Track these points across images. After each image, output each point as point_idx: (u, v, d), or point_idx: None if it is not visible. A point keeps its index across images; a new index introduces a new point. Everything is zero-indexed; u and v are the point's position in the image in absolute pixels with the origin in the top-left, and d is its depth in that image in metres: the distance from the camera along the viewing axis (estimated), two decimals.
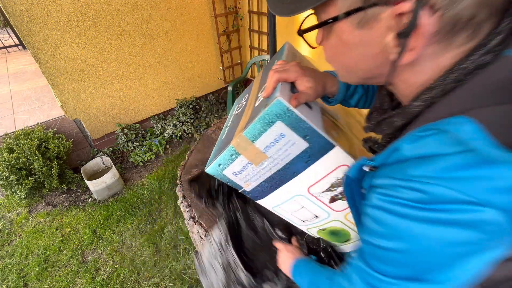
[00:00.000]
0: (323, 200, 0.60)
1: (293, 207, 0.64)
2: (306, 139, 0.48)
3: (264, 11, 2.46)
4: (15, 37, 4.65)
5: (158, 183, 2.18)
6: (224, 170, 0.58)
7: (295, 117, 0.46)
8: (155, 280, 1.53)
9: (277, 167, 0.54)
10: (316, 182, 0.56)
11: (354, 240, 0.69)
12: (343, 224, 0.64)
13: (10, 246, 1.79)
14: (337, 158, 0.50)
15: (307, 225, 0.69)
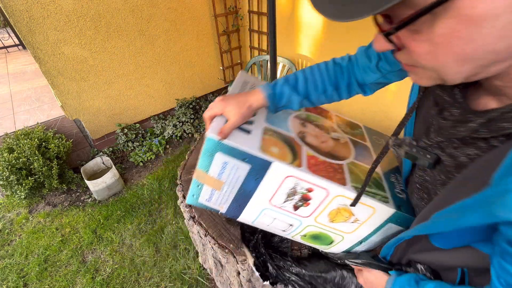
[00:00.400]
0: (288, 209, 0.63)
1: (267, 221, 0.68)
2: (246, 161, 0.56)
3: (264, 11, 2.46)
4: (15, 37, 4.65)
5: (158, 183, 2.18)
6: (198, 199, 0.66)
7: (227, 147, 0.54)
8: (155, 280, 1.53)
9: (235, 189, 0.62)
10: (273, 195, 0.61)
11: (338, 242, 0.69)
12: (318, 227, 0.66)
13: (10, 246, 1.79)
14: (280, 172, 0.56)
15: (288, 234, 0.72)
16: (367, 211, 0.59)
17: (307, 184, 0.57)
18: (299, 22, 2.25)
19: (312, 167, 0.58)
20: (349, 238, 0.66)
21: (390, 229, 0.62)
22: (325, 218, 0.63)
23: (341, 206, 0.59)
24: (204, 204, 0.69)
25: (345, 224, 0.63)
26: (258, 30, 2.61)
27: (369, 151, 0.72)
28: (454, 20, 0.25)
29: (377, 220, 0.61)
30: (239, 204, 0.65)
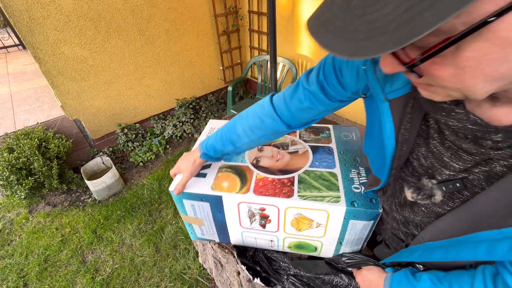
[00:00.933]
0: (258, 229, 0.73)
1: (252, 241, 0.79)
2: (204, 200, 0.69)
3: (264, 11, 2.46)
4: (15, 37, 4.66)
5: (158, 183, 2.18)
6: (197, 234, 0.83)
7: (186, 193, 0.69)
8: (155, 280, 1.53)
9: (211, 222, 0.75)
10: (239, 221, 0.72)
11: (320, 247, 0.73)
12: (293, 238, 0.73)
13: (10, 246, 1.79)
14: (231, 201, 0.67)
15: (276, 248, 0.80)
16: (322, 214, 0.63)
17: (258, 205, 0.66)
18: (299, 22, 2.25)
19: (259, 189, 0.67)
20: (327, 241, 0.70)
21: (356, 225, 0.64)
22: (292, 229, 0.70)
23: (296, 216, 0.66)
24: (202, 238, 0.85)
25: (313, 230, 0.68)
26: (258, 30, 2.61)
27: (332, 153, 0.78)
28: (487, 44, 0.23)
29: (336, 220, 0.64)
30: (223, 232, 0.78)
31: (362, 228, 0.64)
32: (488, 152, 0.36)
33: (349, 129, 0.89)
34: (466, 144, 0.38)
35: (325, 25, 0.26)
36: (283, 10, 2.32)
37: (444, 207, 0.44)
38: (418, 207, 0.50)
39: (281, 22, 2.38)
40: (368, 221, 0.62)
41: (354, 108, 2.24)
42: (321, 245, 0.72)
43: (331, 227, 0.66)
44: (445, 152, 0.42)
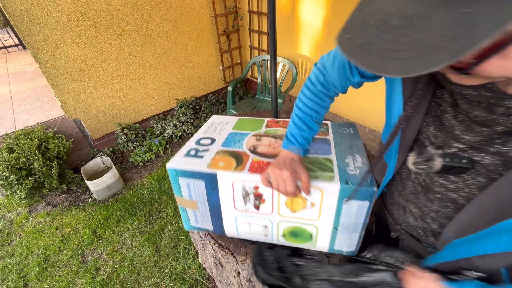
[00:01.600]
0: (253, 211, 0.72)
1: (246, 228, 0.77)
2: (199, 178, 0.69)
3: (264, 11, 2.46)
4: (15, 37, 4.66)
5: (158, 183, 2.18)
6: (191, 222, 0.82)
7: (182, 171, 0.69)
8: (155, 280, 1.53)
9: (205, 203, 0.74)
10: (233, 201, 0.71)
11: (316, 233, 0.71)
12: (288, 222, 0.71)
13: (10, 246, 1.79)
14: (226, 179, 0.67)
15: (272, 238, 0.78)
16: (315, 192, 0.63)
17: (252, 182, 0.66)
18: (299, 22, 2.25)
19: (253, 169, 0.67)
20: (322, 226, 0.69)
21: (352, 206, 0.63)
22: (286, 210, 0.69)
23: None
24: (197, 226, 0.83)
25: (307, 211, 0.67)
26: (258, 30, 2.61)
27: (328, 143, 0.78)
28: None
29: (331, 199, 0.63)
30: (217, 218, 0.77)
31: (358, 210, 0.63)
32: (499, 120, 0.36)
33: (347, 125, 0.90)
34: (478, 111, 0.38)
35: (364, 47, 0.27)
36: (283, 10, 2.32)
37: (460, 193, 0.44)
38: (433, 194, 0.49)
39: (281, 22, 2.38)
40: (363, 200, 0.61)
41: (354, 107, 2.25)
42: (316, 231, 0.71)
43: (326, 208, 0.65)
44: (458, 126, 0.42)
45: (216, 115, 1.01)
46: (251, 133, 0.86)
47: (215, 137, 0.85)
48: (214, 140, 0.83)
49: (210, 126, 0.93)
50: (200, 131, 0.89)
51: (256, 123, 0.93)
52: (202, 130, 0.90)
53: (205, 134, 0.87)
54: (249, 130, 0.89)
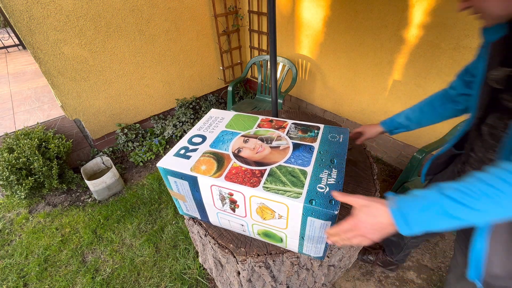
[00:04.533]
0: (230, 212, 0.78)
1: (226, 223, 0.85)
2: (183, 179, 0.76)
3: (264, 11, 2.46)
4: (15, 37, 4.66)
5: (158, 183, 2.18)
6: (183, 209, 0.91)
7: (169, 170, 0.77)
8: (155, 280, 1.53)
9: (191, 198, 0.82)
10: (213, 201, 0.78)
11: (285, 238, 0.77)
12: (260, 226, 0.77)
13: (10, 246, 1.79)
14: (205, 183, 0.73)
15: (249, 234, 0.85)
16: (282, 207, 0.67)
17: (226, 189, 0.71)
18: (299, 22, 2.25)
19: (230, 176, 0.72)
20: (290, 234, 0.74)
21: (315, 223, 0.67)
22: (257, 217, 0.74)
23: (260, 205, 0.70)
24: (188, 213, 0.92)
25: (276, 221, 0.72)
26: (258, 30, 2.61)
27: (311, 152, 0.81)
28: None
29: (295, 215, 0.67)
30: (202, 210, 0.85)
31: (321, 227, 0.67)
32: None
33: (339, 131, 0.90)
34: None
35: None
36: (283, 10, 2.32)
37: None
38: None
39: (281, 22, 2.38)
40: (325, 220, 0.64)
41: (354, 107, 2.24)
42: (286, 236, 0.76)
43: (292, 221, 0.69)
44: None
45: (215, 109, 1.07)
46: (241, 133, 0.91)
47: (206, 135, 0.90)
48: (205, 139, 0.88)
49: (206, 122, 0.98)
50: (195, 128, 0.95)
51: (250, 121, 0.97)
52: (197, 126, 0.96)
53: (199, 131, 0.93)
54: (240, 129, 0.93)
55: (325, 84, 2.38)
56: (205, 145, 0.85)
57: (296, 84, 2.65)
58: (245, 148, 0.83)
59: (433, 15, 1.51)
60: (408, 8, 1.58)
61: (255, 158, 0.79)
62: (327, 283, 1.07)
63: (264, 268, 0.82)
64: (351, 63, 2.07)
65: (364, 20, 1.82)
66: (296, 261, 0.82)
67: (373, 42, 1.85)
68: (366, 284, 1.46)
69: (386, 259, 1.44)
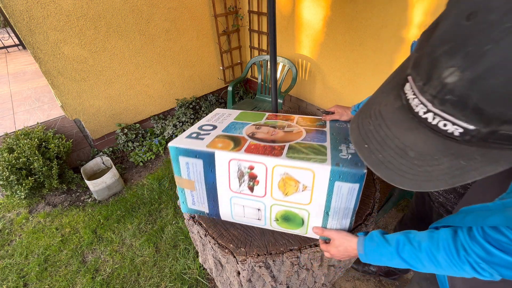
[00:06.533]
0: (247, 192, 0.74)
1: (239, 211, 0.79)
2: (198, 157, 0.73)
3: (264, 11, 2.46)
4: (15, 37, 4.66)
5: (158, 183, 2.18)
6: (188, 204, 0.85)
7: (183, 149, 0.74)
8: (155, 280, 1.53)
9: (203, 183, 0.77)
10: (229, 182, 0.74)
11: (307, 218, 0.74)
12: (280, 205, 0.73)
13: (10, 246, 1.79)
14: (223, 158, 0.71)
15: (264, 223, 0.80)
16: (307, 174, 0.66)
17: (247, 162, 0.69)
18: (299, 22, 2.25)
19: (250, 150, 0.70)
20: (313, 211, 0.72)
21: (342, 188, 0.65)
22: (278, 193, 0.71)
23: (283, 176, 0.68)
24: (194, 209, 0.85)
25: (299, 195, 0.70)
26: (258, 30, 2.61)
27: (325, 134, 0.82)
28: None
29: (322, 181, 0.66)
30: (212, 198, 0.80)
31: (348, 193, 0.65)
32: None
33: (344, 121, 0.95)
34: None
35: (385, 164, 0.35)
36: (283, 10, 2.32)
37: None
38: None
39: (281, 22, 2.38)
40: (354, 183, 0.63)
41: None
42: (308, 216, 0.73)
43: (317, 192, 0.67)
44: None
45: (219, 108, 1.07)
46: (251, 123, 0.91)
47: (217, 125, 0.89)
48: (216, 127, 0.87)
49: (213, 116, 0.98)
50: (203, 119, 0.95)
51: (257, 116, 0.99)
52: (205, 119, 0.95)
53: (208, 122, 0.92)
54: (250, 121, 0.93)
55: (325, 84, 2.38)
56: (217, 131, 0.84)
57: (296, 84, 2.65)
58: (259, 132, 0.83)
59: (433, 15, 1.51)
60: (408, 8, 1.58)
61: (269, 139, 0.78)
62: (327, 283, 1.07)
63: (264, 268, 0.82)
64: (351, 63, 2.07)
65: (364, 20, 1.82)
66: (296, 261, 0.82)
67: (373, 42, 1.85)
68: (366, 284, 1.46)
69: (389, 269, 1.44)
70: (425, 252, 0.53)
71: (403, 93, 0.34)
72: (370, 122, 0.38)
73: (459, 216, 0.49)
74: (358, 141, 0.39)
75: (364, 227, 0.85)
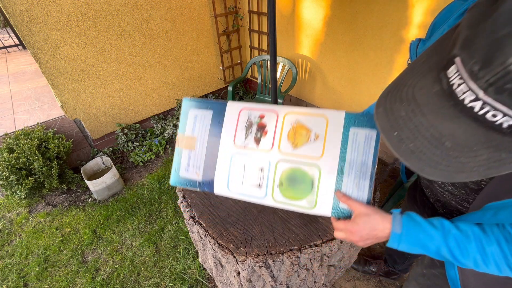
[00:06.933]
0: (252, 147, 0.70)
1: (239, 171, 0.71)
2: (209, 108, 0.75)
3: (264, 11, 2.46)
4: (15, 37, 4.66)
5: (158, 183, 2.18)
6: (180, 172, 0.78)
7: (196, 102, 0.76)
8: (155, 280, 1.53)
9: (205, 139, 0.75)
10: (235, 134, 0.72)
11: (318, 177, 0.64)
12: (288, 161, 0.66)
13: (10, 246, 1.79)
14: (234, 108, 0.72)
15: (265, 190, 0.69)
16: (320, 121, 0.62)
17: (258, 111, 0.69)
18: (299, 22, 2.25)
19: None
20: (325, 167, 0.63)
21: (358, 136, 0.60)
22: (287, 145, 0.66)
23: (294, 124, 0.64)
24: (185, 177, 0.77)
25: (310, 146, 0.63)
26: (258, 30, 2.61)
27: None
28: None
29: (336, 128, 0.61)
30: (211, 156, 0.74)
31: (365, 142, 0.59)
32: None
33: None
34: None
35: (416, 154, 0.32)
36: (283, 10, 2.32)
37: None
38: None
39: (281, 22, 2.38)
40: (370, 129, 0.59)
41: (354, 108, 2.24)
42: (319, 175, 0.63)
43: (330, 140, 0.62)
44: None
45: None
46: None
47: None
48: None
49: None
50: None
51: None
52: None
53: None
54: None
55: (325, 84, 2.38)
56: None
57: (296, 84, 2.65)
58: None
59: (433, 15, 1.51)
60: (408, 8, 1.58)
61: None
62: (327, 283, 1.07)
63: (264, 268, 0.82)
64: (351, 63, 2.07)
65: (364, 20, 1.82)
66: (296, 261, 0.82)
67: (373, 42, 1.85)
68: (366, 284, 1.46)
69: (389, 269, 1.43)
70: (474, 242, 0.46)
71: (444, 76, 0.29)
72: (402, 108, 0.34)
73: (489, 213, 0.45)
74: (386, 128, 0.35)
75: None
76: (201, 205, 0.97)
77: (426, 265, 0.84)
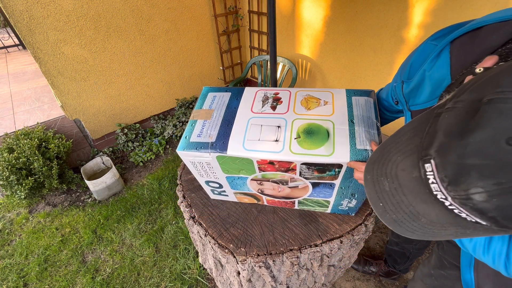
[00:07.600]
0: (268, 112, 0.76)
1: (256, 134, 0.71)
2: (228, 91, 0.83)
3: (264, 11, 2.46)
4: (15, 37, 4.66)
5: (158, 183, 2.18)
6: (191, 138, 0.75)
7: (217, 88, 0.86)
8: (155, 280, 1.53)
9: (222, 111, 0.79)
10: (252, 104, 0.79)
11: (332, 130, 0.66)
12: (303, 119, 0.71)
13: (10, 246, 1.79)
14: (252, 90, 0.82)
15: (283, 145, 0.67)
16: (327, 94, 0.78)
17: (273, 91, 0.81)
18: (299, 22, 2.25)
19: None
20: (338, 119, 0.70)
21: (359, 100, 0.74)
22: (301, 108, 0.75)
23: (306, 96, 0.78)
24: (195, 142, 0.73)
25: (321, 108, 0.74)
26: (258, 30, 2.61)
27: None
28: None
29: (341, 97, 0.76)
30: (227, 123, 0.74)
31: (366, 104, 0.73)
32: None
33: None
34: None
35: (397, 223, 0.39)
36: (283, 10, 2.32)
37: None
38: None
39: (281, 22, 2.38)
40: (367, 97, 0.75)
41: None
42: (333, 127, 0.67)
43: (338, 104, 0.74)
44: None
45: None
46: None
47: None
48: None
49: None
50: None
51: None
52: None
53: None
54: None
55: (325, 84, 2.38)
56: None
57: (296, 84, 2.65)
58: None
59: (433, 15, 1.51)
60: (408, 8, 1.58)
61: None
62: (327, 283, 1.07)
63: (264, 268, 0.82)
64: (351, 63, 2.07)
65: (364, 20, 1.82)
66: (296, 261, 0.82)
67: (373, 42, 1.85)
68: (366, 284, 1.46)
69: (389, 269, 1.43)
70: None
71: (422, 167, 0.33)
72: (386, 184, 0.39)
73: None
74: (373, 198, 0.41)
75: (364, 227, 0.85)
76: (201, 205, 0.97)
77: (433, 265, 0.84)
